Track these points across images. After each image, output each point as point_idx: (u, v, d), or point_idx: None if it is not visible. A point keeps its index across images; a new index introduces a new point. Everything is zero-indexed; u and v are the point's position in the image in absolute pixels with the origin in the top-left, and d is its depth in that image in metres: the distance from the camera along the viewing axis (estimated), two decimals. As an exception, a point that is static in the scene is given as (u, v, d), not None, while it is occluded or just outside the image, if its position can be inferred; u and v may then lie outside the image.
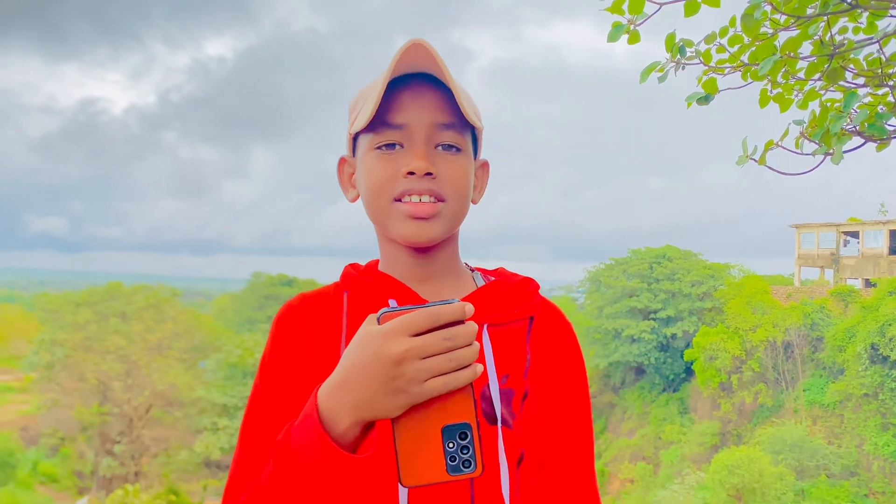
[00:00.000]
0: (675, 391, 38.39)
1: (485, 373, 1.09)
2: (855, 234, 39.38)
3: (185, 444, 34.62)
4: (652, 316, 38.43)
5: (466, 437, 0.85)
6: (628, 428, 37.82)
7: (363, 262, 1.25)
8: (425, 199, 1.09)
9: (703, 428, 34.54)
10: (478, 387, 1.09)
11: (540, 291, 1.24)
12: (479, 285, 1.19)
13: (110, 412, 35.06)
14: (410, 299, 1.13)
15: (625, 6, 2.39)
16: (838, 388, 31.98)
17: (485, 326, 1.12)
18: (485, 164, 1.23)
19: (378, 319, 0.87)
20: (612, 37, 2.42)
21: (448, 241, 1.16)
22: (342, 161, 1.22)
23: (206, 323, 41.96)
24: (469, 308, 0.84)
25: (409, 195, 1.08)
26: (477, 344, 0.85)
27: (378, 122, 1.08)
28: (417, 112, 1.08)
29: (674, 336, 37.98)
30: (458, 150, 1.12)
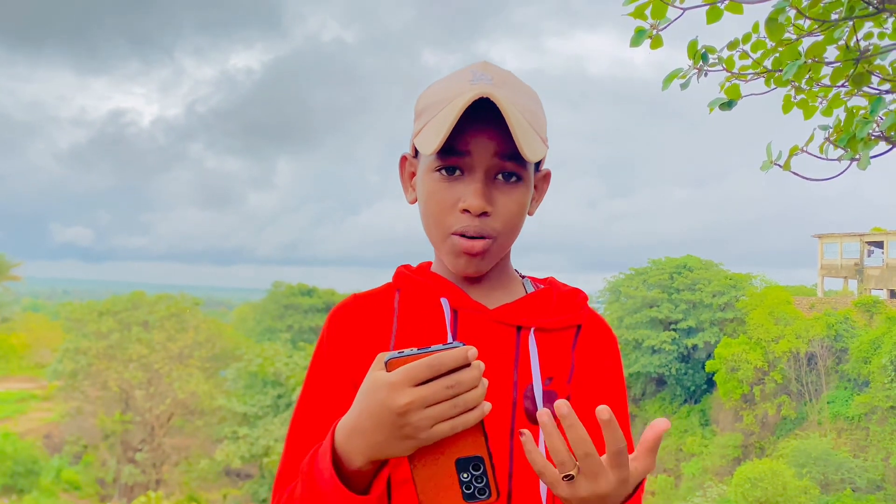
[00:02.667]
0: (696, 402, 38.00)
1: (529, 373, 1.13)
2: (879, 245, 38.85)
3: (206, 452, 34.77)
4: (673, 326, 38.12)
5: (479, 468, 0.89)
6: (649, 439, 37.45)
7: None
8: (477, 235, 1.11)
9: (725, 440, 34.14)
10: (521, 387, 1.12)
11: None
12: (529, 291, 1.22)
13: (132, 420, 35.29)
14: (461, 300, 1.15)
15: (647, 11, 2.39)
16: (863, 400, 31.49)
17: (531, 330, 1.15)
18: (547, 175, 1.23)
19: (385, 364, 0.89)
20: (635, 42, 2.42)
21: None
22: (404, 159, 1.23)
23: (227, 332, 42.19)
24: (472, 352, 0.87)
25: (463, 232, 1.11)
26: (485, 382, 0.88)
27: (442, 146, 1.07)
28: (482, 141, 1.08)
29: (695, 347, 37.64)
30: (519, 178, 1.13)
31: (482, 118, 1.07)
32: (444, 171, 1.11)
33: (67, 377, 36.44)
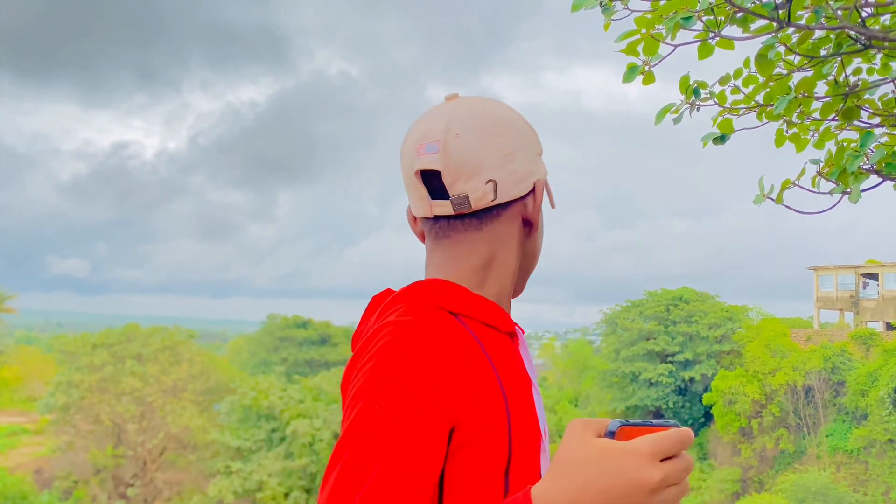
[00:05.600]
0: (694, 436, 37.74)
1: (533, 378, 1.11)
2: (874, 277, 38.98)
3: (199, 487, 34.30)
4: (669, 359, 37.99)
5: None
6: (647, 474, 37.13)
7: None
8: None
9: (724, 474, 33.83)
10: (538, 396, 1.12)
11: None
12: None
13: (124, 455, 34.87)
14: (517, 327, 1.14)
15: (639, 48, 2.43)
16: (862, 433, 31.31)
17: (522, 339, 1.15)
18: None
19: (614, 434, 0.80)
20: (628, 77, 2.46)
21: None
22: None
23: (221, 365, 41.89)
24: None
25: None
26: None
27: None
28: None
29: (692, 380, 37.47)
30: None
31: None
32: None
33: (59, 411, 36.03)
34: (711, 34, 2.38)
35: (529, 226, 1.15)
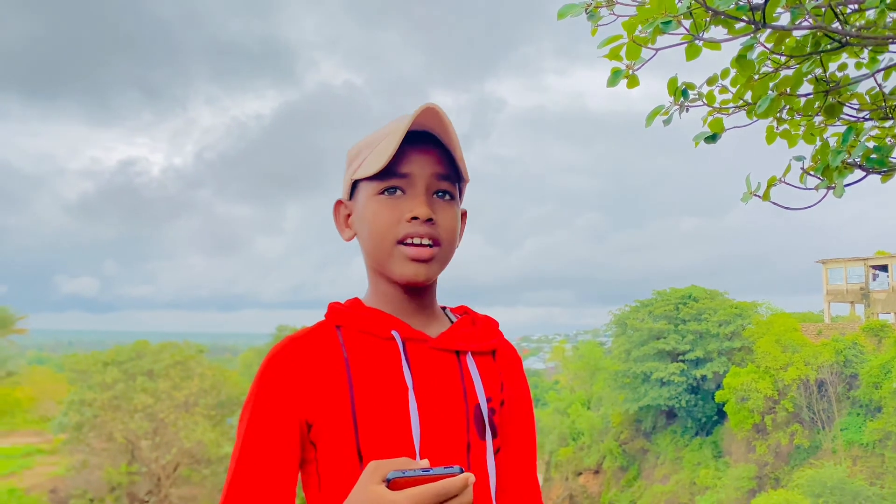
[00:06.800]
0: (708, 434, 37.55)
1: (473, 392, 1.21)
2: (884, 268, 38.77)
3: (213, 502, 34.34)
4: (680, 358, 37.84)
5: None
6: (662, 474, 36.96)
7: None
8: (425, 241, 1.19)
9: (739, 472, 33.65)
10: (470, 406, 1.20)
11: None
12: (452, 319, 1.30)
13: (138, 471, 34.95)
14: (406, 331, 1.21)
15: (622, 52, 2.45)
16: (877, 426, 31.11)
17: (469, 354, 1.24)
18: (464, 214, 1.34)
19: (388, 483, 0.92)
20: (612, 82, 2.49)
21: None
22: (339, 203, 1.32)
23: (232, 379, 41.92)
24: (471, 479, 0.92)
25: (412, 238, 1.19)
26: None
27: (385, 171, 1.19)
28: (420, 164, 1.20)
29: (704, 378, 37.31)
30: (452, 197, 1.25)
31: (419, 144, 1.20)
32: (386, 193, 1.20)
33: (73, 430, 36.14)
34: (695, 37, 2.40)
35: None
